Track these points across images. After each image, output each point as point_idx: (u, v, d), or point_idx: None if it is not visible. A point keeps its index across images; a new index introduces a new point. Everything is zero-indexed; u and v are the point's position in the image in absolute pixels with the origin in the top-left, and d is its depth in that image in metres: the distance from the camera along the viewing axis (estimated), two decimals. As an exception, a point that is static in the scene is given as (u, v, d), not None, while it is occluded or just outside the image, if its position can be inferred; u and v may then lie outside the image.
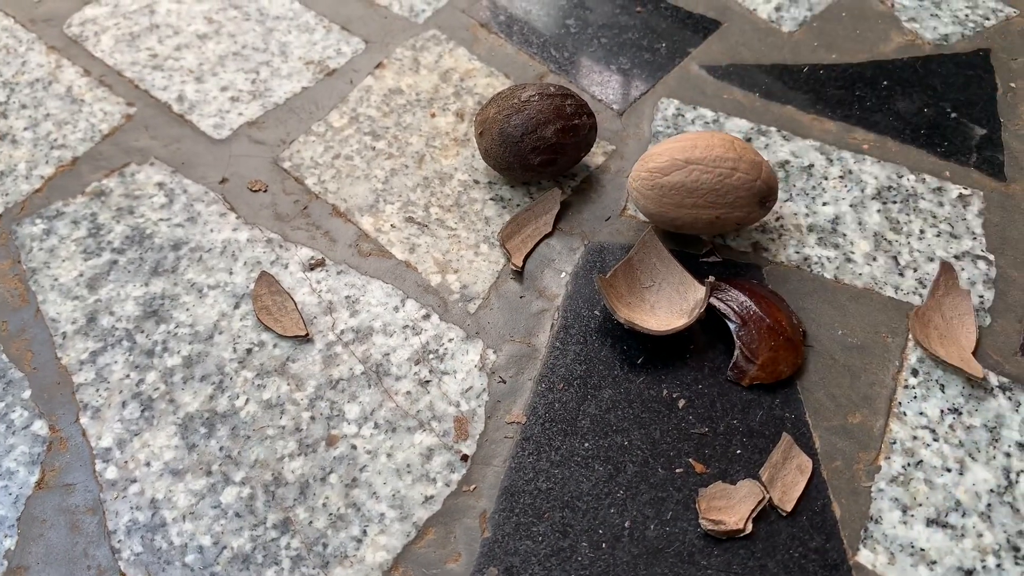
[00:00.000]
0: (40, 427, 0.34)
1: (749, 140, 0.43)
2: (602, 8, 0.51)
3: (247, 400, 0.35)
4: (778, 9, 0.51)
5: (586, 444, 0.33)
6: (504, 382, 0.35)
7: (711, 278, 0.36)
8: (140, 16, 0.51)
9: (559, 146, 0.38)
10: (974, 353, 0.35)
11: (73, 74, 0.48)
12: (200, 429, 0.34)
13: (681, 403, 0.34)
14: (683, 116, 0.45)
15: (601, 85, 0.46)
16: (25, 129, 0.45)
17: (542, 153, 0.38)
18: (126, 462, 0.33)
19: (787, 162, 0.42)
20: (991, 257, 0.38)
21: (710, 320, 0.37)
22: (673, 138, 0.37)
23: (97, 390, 0.35)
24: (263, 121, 0.45)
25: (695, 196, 0.36)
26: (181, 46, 0.49)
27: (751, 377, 0.35)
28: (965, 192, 0.41)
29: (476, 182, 0.42)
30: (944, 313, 0.36)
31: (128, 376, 0.36)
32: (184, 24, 0.51)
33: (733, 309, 0.36)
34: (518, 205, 0.41)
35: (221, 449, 0.34)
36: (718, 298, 0.36)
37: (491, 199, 0.41)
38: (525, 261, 0.39)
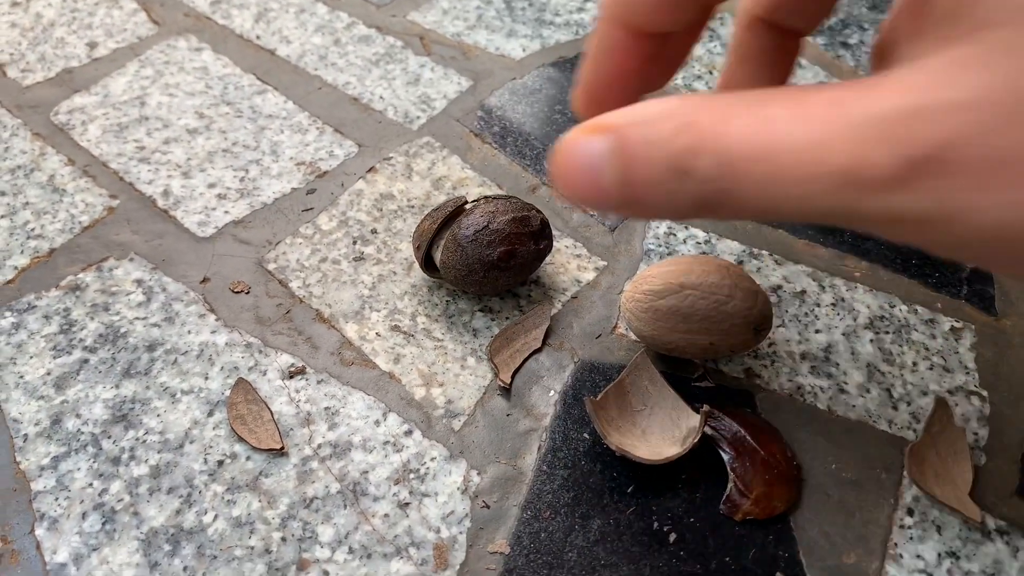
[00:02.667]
0: (-10, 538, 0.32)
1: (741, 263, 0.43)
2: (595, 123, 0.51)
3: (216, 516, 0.33)
4: (768, 133, 0.51)
5: (573, 579, 0.32)
6: (488, 507, 0.34)
7: (705, 407, 0.35)
8: (130, 107, 0.51)
9: (514, 236, 0.38)
10: (970, 494, 0.35)
11: (57, 162, 0.47)
12: (164, 546, 0.32)
13: (672, 537, 0.33)
14: (675, 235, 0.44)
15: (593, 200, 0.46)
16: (2, 217, 0.44)
17: (499, 245, 0.37)
18: (80, 581, 0.31)
19: (779, 287, 0.42)
20: (984, 393, 0.38)
21: (702, 447, 0.35)
22: (667, 260, 0.37)
23: (56, 499, 0.33)
24: (249, 220, 0.44)
25: (689, 321, 0.35)
26: (170, 140, 0.49)
27: (744, 512, 0.33)
28: (957, 325, 0.41)
29: (465, 292, 0.41)
30: (939, 451, 0.36)
31: (91, 485, 0.34)
32: (174, 118, 0.50)
33: (727, 439, 0.35)
34: (507, 318, 0.40)
35: (185, 569, 0.31)
36: (711, 427, 0.35)
37: (480, 310, 0.40)
38: (513, 377, 0.38)
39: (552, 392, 0.37)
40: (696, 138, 0.17)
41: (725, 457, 0.34)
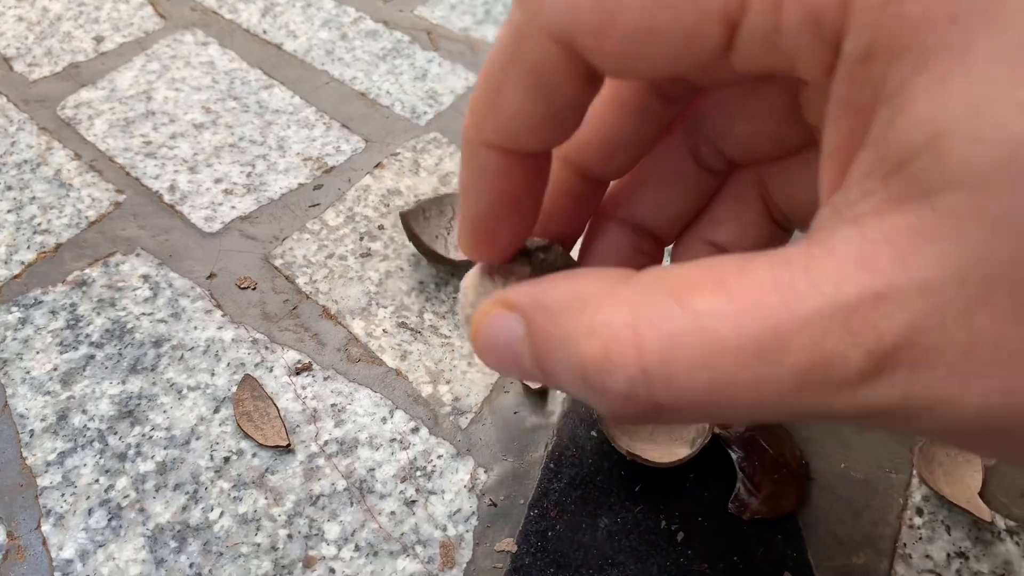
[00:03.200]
0: (-3, 533, 0.32)
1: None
2: (603, 119, 0.51)
3: (222, 513, 0.33)
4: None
5: (580, 578, 0.31)
6: (495, 505, 0.33)
7: None
8: (136, 102, 0.51)
9: None
10: (981, 494, 0.34)
11: (63, 157, 0.47)
12: (170, 543, 0.32)
13: (680, 536, 0.33)
14: (683, 232, 0.44)
15: (601, 196, 0.46)
16: (8, 212, 0.44)
17: None
18: (87, 577, 0.31)
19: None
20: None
21: (711, 446, 0.35)
22: None
23: (63, 495, 0.33)
24: (256, 216, 0.44)
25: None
26: (176, 135, 0.49)
27: (753, 511, 0.33)
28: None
29: (471, 289, 0.41)
30: (949, 450, 0.35)
31: (97, 481, 0.34)
32: (181, 112, 0.50)
33: (736, 438, 0.35)
34: (514, 316, 0.40)
35: (191, 566, 0.31)
36: (720, 426, 0.35)
37: (486, 308, 0.40)
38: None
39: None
40: (607, 349, 0.15)
41: (734, 456, 0.34)
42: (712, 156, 0.22)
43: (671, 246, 0.24)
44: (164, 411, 0.36)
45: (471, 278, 0.23)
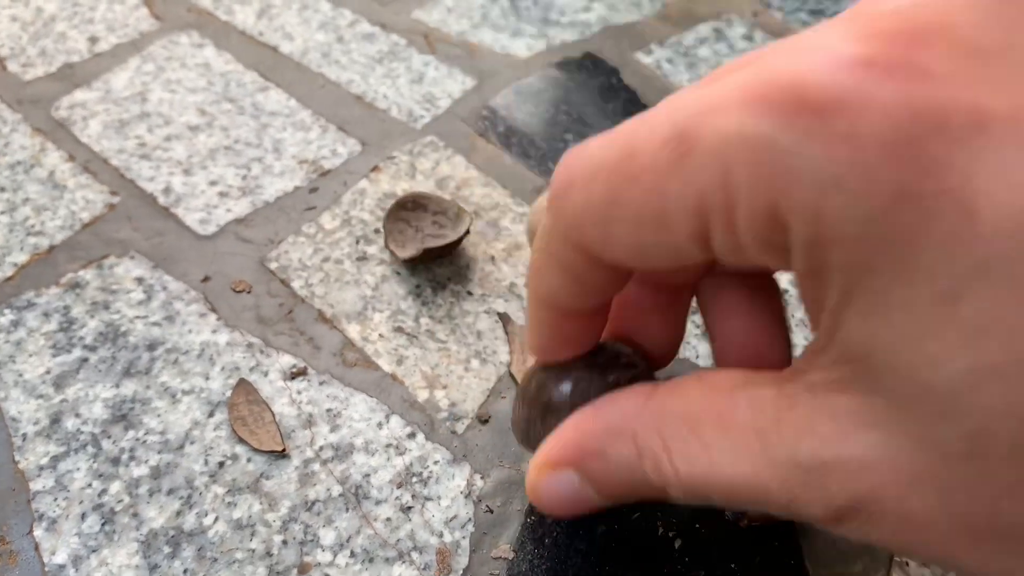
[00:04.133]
0: (-12, 538, 0.32)
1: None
2: (601, 125, 0.51)
3: (216, 518, 0.33)
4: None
5: (577, 585, 0.31)
6: (491, 511, 0.33)
7: None
8: (131, 103, 0.50)
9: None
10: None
11: (57, 158, 0.47)
12: (164, 548, 0.32)
13: (677, 543, 0.33)
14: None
15: (598, 201, 0.46)
16: (1, 213, 0.43)
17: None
18: (78, 583, 0.31)
19: (786, 291, 0.42)
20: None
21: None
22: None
23: (55, 499, 0.33)
24: (251, 219, 0.44)
25: None
26: (171, 136, 0.48)
27: (750, 518, 0.33)
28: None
29: (469, 293, 0.41)
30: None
31: (90, 485, 0.33)
32: (176, 114, 0.50)
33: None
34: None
35: (186, 572, 0.31)
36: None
37: (484, 312, 0.40)
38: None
39: (556, 395, 0.37)
40: (657, 468, 0.20)
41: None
42: None
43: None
44: (158, 415, 0.36)
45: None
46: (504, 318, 0.40)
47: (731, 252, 0.18)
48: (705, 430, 0.19)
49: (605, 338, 0.28)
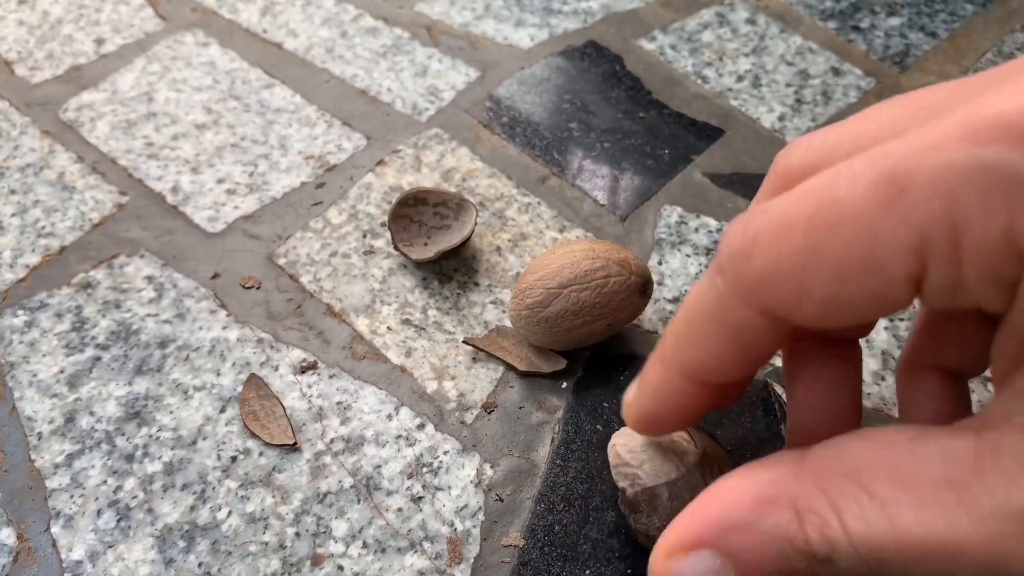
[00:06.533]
0: (7, 535, 0.32)
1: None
2: (605, 113, 0.51)
3: (230, 512, 0.33)
4: (781, 119, 0.51)
5: (587, 571, 0.31)
6: (501, 500, 0.34)
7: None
8: (138, 103, 0.51)
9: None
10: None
11: (66, 160, 0.47)
12: (179, 542, 0.32)
13: (687, 528, 0.33)
14: (686, 224, 0.44)
15: (603, 190, 0.46)
16: (12, 215, 0.44)
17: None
18: (96, 578, 0.31)
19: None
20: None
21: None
22: (533, 265, 0.36)
23: (71, 496, 0.33)
24: (259, 215, 0.44)
25: (581, 315, 0.35)
26: (178, 135, 0.49)
27: None
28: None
29: (476, 284, 0.41)
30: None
31: (105, 482, 0.34)
32: (182, 113, 0.50)
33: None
34: (518, 310, 0.40)
35: (200, 565, 0.32)
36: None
37: (491, 302, 0.40)
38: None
39: (564, 384, 0.37)
40: (822, 532, 0.17)
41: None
42: None
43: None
44: (171, 412, 0.36)
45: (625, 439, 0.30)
46: None
47: (945, 292, 0.17)
48: (879, 487, 0.17)
49: None
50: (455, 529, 0.33)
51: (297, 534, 0.32)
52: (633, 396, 0.25)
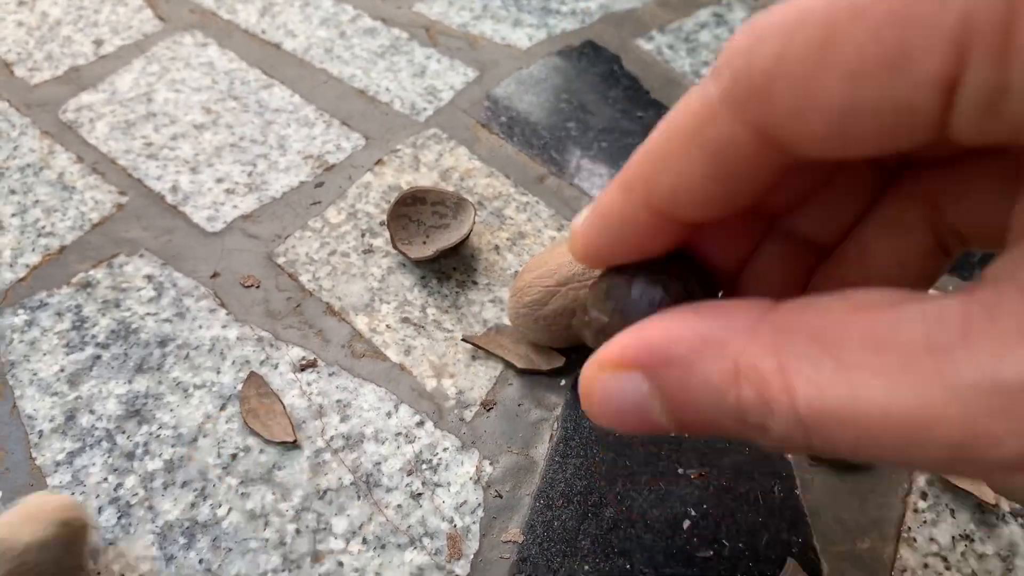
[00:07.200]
0: (8, 534, 0.32)
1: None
2: (603, 112, 0.51)
3: (230, 509, 0.33)
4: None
5: (586, 567, 0.32)
6: (500, 497, 0.34)
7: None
8: (137, 104, 0.51)
9: None
10: (984, 477, 0.34)
11: (65, 160, 0.47)
12: (179, 539, 0.32)
13: (686, 524, 0.33)
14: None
15: (601, 188, 0.46)
16: (13, 215, 0.44)
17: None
18: (99, 573, 0.31)
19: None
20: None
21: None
22: (531, 263, 0.37)
23: (72, 494, 0.34)
24: (258, 215, 0.45)
25: (581, 311, 0.35)
26: (177, 135, 0.49)
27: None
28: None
29: (474, 282, 0.41)
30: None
31: (106, 480, 0.34)
32: (181, 113, 0.50)
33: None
34: (516, 309, 0.40)
35: (201, 562, 0.32)
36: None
37: (489, 301, 0.41)
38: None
39: (562, 381, 0.37)
40: (760, 394, 0.15)
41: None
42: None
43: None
44: (171, 410, 0.36)
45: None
46: None
47: (981, 109, 0.13)
48: (848, 350, 0.14)
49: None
50: (455, 525, 0.33)
51: (297, 531, 0.33)
52: (583, 223, 0.20)
